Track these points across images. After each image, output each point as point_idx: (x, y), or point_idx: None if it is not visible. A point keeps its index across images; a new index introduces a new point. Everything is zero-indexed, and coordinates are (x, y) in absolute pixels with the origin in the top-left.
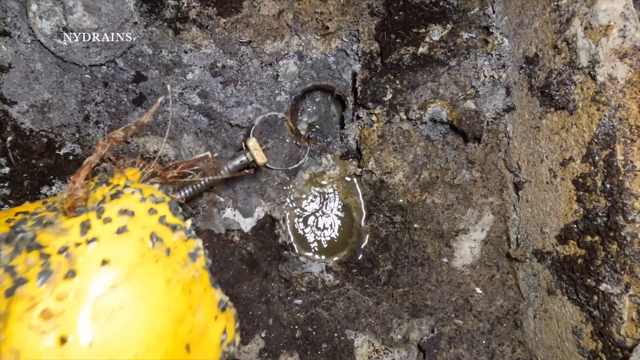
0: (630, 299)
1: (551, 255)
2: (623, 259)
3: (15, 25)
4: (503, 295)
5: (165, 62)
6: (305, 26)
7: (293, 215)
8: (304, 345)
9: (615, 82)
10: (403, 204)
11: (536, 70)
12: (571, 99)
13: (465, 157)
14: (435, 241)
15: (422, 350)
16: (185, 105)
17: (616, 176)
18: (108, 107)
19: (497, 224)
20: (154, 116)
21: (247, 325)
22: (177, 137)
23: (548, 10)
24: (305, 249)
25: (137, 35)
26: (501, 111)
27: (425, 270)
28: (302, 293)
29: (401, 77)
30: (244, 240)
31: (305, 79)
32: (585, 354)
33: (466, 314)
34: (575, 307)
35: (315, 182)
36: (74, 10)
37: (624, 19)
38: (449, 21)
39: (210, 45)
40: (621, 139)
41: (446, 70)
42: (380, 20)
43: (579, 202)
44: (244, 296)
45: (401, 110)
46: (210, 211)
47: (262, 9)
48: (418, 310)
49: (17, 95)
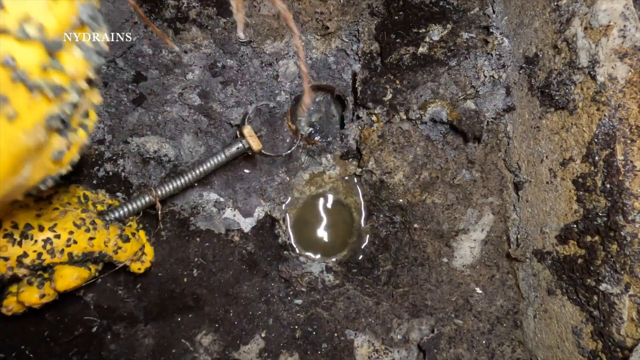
0: (630, 299)
1: (551, 255)
2: (623, 259)
3: None
4: (503, 295)
5: (165, 62)
6: (305, 26)
7: (293, 215)
8: (304, 345)
9: (615, 82)
10: (403, 204)
11: (536, 70)
12: (571, 99)
13: (465, 157)
14: (435, 241)
15: (422, 350)
16: (185, 105)
17: (616, 176)
18: (108, 107)
19: (497, 224)
20: (154, 116)
21: (247, 325)
22: (177, 137)
23: (548, 10)
24: (305, 249)
25: (137, 35)
26: (501, 111)
27: (425, 270)
28: (302, 293)
29: (401, 77)
30: (244, 240)
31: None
32: (585, 354)
33: (466, 314)
34: (575, 307)
35: (315, 182)
36: None
37: (624, 19)
38: (449, 21)
39: (210, 45)
40: (621, 139)
41: (446, 70)
42: (380, 20)
43: (579, 202)
44: (244, 296)
45: (401, 110)
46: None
47: (262, 9)
48: (418, 310)
49: None
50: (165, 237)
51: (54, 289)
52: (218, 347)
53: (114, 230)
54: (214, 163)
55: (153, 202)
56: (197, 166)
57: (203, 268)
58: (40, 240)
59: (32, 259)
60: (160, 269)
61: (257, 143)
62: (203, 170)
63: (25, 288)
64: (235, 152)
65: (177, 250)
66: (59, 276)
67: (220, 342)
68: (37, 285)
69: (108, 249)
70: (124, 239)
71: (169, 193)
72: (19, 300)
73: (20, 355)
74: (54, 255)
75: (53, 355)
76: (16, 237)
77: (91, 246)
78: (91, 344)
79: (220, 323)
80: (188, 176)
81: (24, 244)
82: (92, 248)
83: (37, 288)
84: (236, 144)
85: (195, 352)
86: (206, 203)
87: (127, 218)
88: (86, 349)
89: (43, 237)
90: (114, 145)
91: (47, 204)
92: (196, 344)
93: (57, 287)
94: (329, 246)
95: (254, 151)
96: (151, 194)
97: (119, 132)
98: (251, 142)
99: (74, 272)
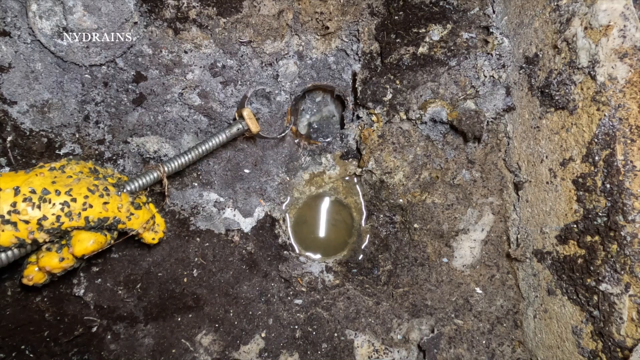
0: (630, 299)
1: (551, 255)
2: (623, 259)
3: (15, 25)
4: (503, 295)
5: (165, 62)
6: (305, 26)
7: (293, 215)
8: (304, 345)
9: (615, 82)
10: (403, 204)
11: (536, 70)
12: (571, 99)
13: (465, 157)
14: (435, 241)
15: (422, 350)
16: (185, 105)
17: (616, 176)
18: (108, 107)
19: (497, 224)
20: (154, 116)
21: (247, 325)
22: (177, 137)
23: (548, 10)
24: (305, 249)
25: (137, 35)
26: (501, 111)
27: (425, 270)
28: (302, 293)
29: (401, 77)
30: (244, 240)
31: (305, 79)
32: (585, 354)
33: (466, 314)
34: (575, 307)
35: (315, 182)
36: (74, 10)
37: (624, 19)
38: (449, 21)
39: (210, 45)
40: (621, 139)
41: (446, 70)
42: (380, 20)
43: (579, 202)
44: (244, 296)
45: (401, 110)
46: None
47: (262, 9)
48: (418, 310)
49: (17, 95)
50: (165, 237)
51: (72, 254)
52: (218, 347)
53: (125, 197)
54: (216, 142)
55: (160, 178)
56: (200, 145)
57: (203, 268)
58: (58, 203)
59: (51, 222)
60: (160, 269)
61: (256, 125)
62: (206, 148)
63: (44, 254)
64: (235, 133)
65: (177, 250)
66: (76, 241)
67: (220, 342)
68: (55, 250)
69: (121, 215)
70: (135, 206)
71: (175, 169)
72: (40, 266)
73: (20, 355)
74: (72, 218)
75: (53, 355)
76: (35, 201)
77: (106, 211)
78: (91, 344)
79: (220, 323)
80: (192, 154)
81: (43, 207)
82: (106, 213)
83: (56, 252)
84: (236, 125)
85: (195, 352)
86: (206, 203)
87: (136, 192)
88: (86, 349)
89: (60, 201)
90: (114, 145)
91: (60, 173)
92: (196, 344)
93: (75, 251)
94: (329, 246)
95: (252, 133)
96: (158, 169)
97: (119, 132)
98: (250, 124)
99: (91, 237)
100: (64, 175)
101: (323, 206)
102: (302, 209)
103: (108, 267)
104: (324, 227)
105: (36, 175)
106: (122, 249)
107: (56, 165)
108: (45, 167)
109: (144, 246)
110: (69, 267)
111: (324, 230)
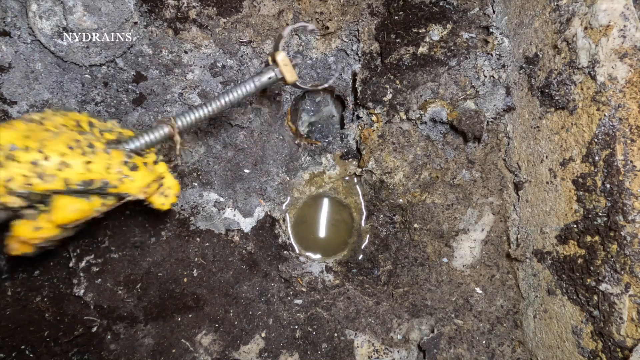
0: (630, 299)
1: (551, 255)
2: (623, 259)
3: (15, 25)
4: (503, 295)
5: (165, 62)
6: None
7: (293, 215)
8: (304, 345)
9: (615, 82)
10: (403, 204)
11: (536, 70)
12: (571, 99)
13: (465, 157)
14: (435, 241)
15: (422, 350)
16: (185, 105)
17: (616, 176)
18: (108, 107)
19: (497, 224)
20: (154, 116)
21: (247, 325)
22: None
23: (548, 10)
24: (305, 248)
25: (137, 35)
26: (501, 111)
27: (425, 270)
28: (302, 293)
29: (401, 77)
30: (244, 240)
31: (305, 79)
32: (585, 354)
33: (466, 314)
34: (575, 307)
35: (315, 182)
36: (74, 10)
37: (624, 19)
38: (449, 21)
39: (210, 45)
40: (621, 139)
41: (446, 70)
42: (380, 20)
43: (579, 202)
44: (244, 296)
45: (401, 110)
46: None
47: (262, 9)
48: (418, 310)
49: (17, 95)
50: (165, 237)
51: (51, 221)
52: (218, 347)
53: (117, 155)
54: (242, 92)
55: (172, 134)
56: (223, 96)
57: (203, 268)
58: (25, 162)
59: (19, 184)
60: (160, 269)
61: (292, 73)
62: (229, 100)
63: (19, 222)
64: (266, 82)
65: (177, 250)
66: (55, 207)
67: (220, 342)
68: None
69: (111, 177)
70: (131, 166)
71: (189, 124)
72: (14, 235)
73: (20, 355)
74: (45, 179)
75: (53, 355)
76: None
77: (88, 171)
78: (91, 344)
79: (220, 323)
80: (212, 106)
81: (9, 166)
82: (90, 174)
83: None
84: (268, 72)
85: (195, 352)
86: (206, 203)
87: (144, 151)
88: (86, 349)
89: (29, 159)
90: None
91: (37, 126)
92: (196, 344)
93: (54, 218)
94: (329, 246)
95: (288, 82)
96: (170, 123)
97: None
98: (285, 72)
99: (73, 203)
100: (41, 128)
101: (323, 206)
102: (302, 209)
103: (108, 267)
104: (324, 227)
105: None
106: (122, 249)
107: (35, 117)
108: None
109: (144, 246)
110: (51, 236)
111: (324, 230)
